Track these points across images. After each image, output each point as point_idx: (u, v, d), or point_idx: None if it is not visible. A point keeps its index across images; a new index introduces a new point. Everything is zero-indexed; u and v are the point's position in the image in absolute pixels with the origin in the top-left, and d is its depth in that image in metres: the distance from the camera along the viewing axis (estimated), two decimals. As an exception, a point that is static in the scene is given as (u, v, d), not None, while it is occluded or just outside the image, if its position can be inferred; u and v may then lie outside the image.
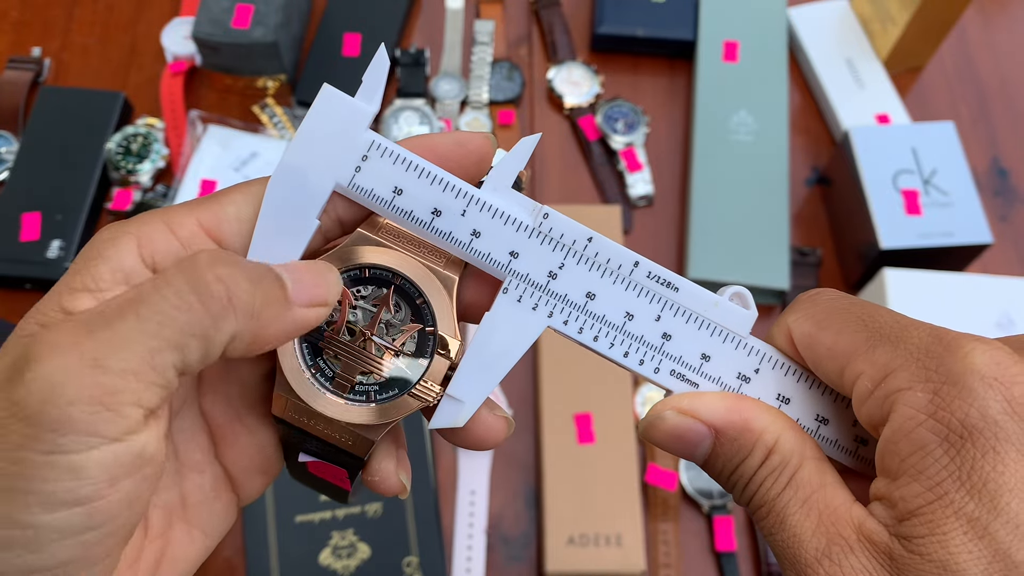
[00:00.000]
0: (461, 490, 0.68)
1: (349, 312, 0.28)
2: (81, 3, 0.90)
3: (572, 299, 0.27)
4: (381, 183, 0.27)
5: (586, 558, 0.64)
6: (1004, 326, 0.64)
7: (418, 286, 0.28)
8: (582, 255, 0.27)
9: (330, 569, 0.62)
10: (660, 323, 0.28)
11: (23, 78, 0.83)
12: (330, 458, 0.29)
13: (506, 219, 0.27)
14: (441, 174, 0.27)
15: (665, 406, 0.27)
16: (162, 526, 0.28)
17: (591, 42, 0.88)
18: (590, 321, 0.27)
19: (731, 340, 0.28)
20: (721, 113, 0.81)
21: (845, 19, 0.88)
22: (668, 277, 0.28)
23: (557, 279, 0.27)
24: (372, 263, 0.28)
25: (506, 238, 0.27)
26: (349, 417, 0.27)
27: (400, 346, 0.28)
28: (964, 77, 0.88)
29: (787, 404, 0.28)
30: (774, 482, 0.26)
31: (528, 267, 0.27)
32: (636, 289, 0.28)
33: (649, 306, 0.28)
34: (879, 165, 0.74)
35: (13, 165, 0.77)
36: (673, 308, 0.28)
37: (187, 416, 0.29)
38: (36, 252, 0.74)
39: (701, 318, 0.28)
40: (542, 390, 0.69)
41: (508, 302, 0.27)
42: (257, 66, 0.81)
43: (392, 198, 0.27)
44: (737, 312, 0.28)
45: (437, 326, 0.28)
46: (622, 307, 0.28)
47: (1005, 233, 0.80)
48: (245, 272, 0.24)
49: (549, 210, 0.27)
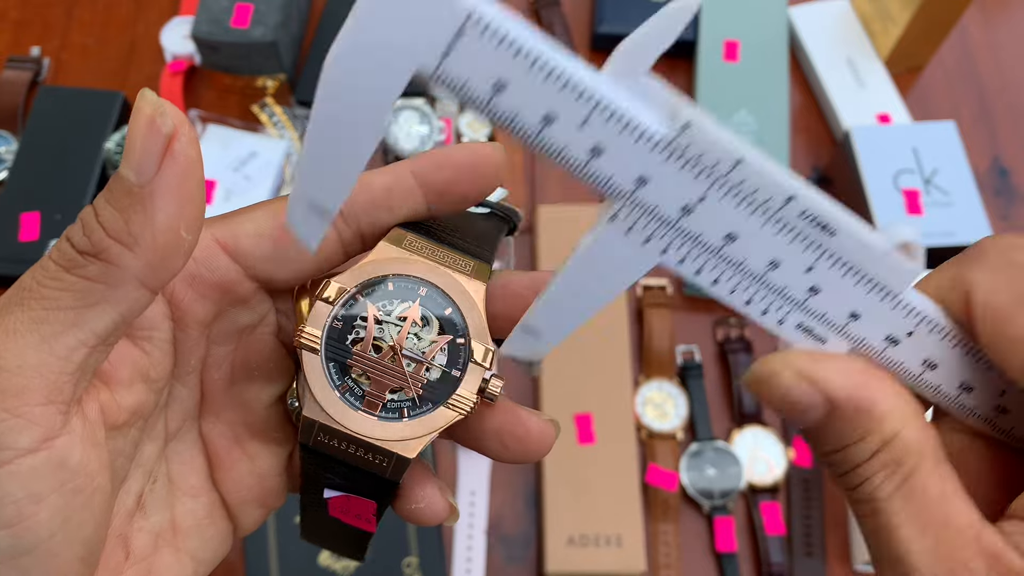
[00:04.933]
0: (461, 490, 0.67)
1: (376, 328, 0.27)
2: (80, 3, 0.90)
3: (706, 241, 0.22)
4: (478, 73, 0.20)
5: (586, 558, 0.63)
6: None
7: (447, 295, 0.27)
8: (727, 183, 0.21)
9: (329, 570, 0.62)
10: (810, 275, 0.23)
11: (22, 78, 0.83)
12: (359, 489, 0.27)
13: (638, 134, 0.21)
14: (560, 66, 0.20)
15: (786, 364, 0.22)
16: (147, 549, 0.27)
17: (591, 41, 0.88)
18: (718, 264, 0.22)
19: (889, 298, 0.23)
20: (721, 113, 0.80)
21: (846, 19, 0.88)
22: (827, 218, 0.22)
23: (691, 215, 0.22)
24: (397, 273, 0.27)
25: (635, 157, 0.21)
26: (384, 434, 0.26)
27: (431, 359, 0.27)
28: (965, 77, 0.88)
29: (932, 370, 0.24)
30: (884, 479, 0.22)
31: (658, 197, 0.21)
32: (789, 233, 0.22)
33: (801, 255, 0.22)
34: (880, 165, 0.74)
35: (12, 165, 0.77)
36: (829, 258, 0.22)
37: (185, 438, 0.28)
38: (35, 252, 0.73)
39: (859, 271, 0.22)
40: (542, 390, 0.69)
41: (615, 231, 0.22)
42: (256, 65, 0.81)
43: (490, 96, 0.20)
44: (902, 266, 0.23)
45: (469, 335, 0.27)
46: (768, 254, 0.22)
47: (1006, 233, 0.80)
48: (100, 208, 0.22)
49: (693, 117, 0.21)
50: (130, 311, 0.22)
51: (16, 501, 0.20)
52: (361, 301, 0.27)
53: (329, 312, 0.26)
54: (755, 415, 0.71)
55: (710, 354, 0.74)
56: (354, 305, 0.27)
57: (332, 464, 0.27)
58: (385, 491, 0.27)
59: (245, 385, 0.28)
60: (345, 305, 0.27)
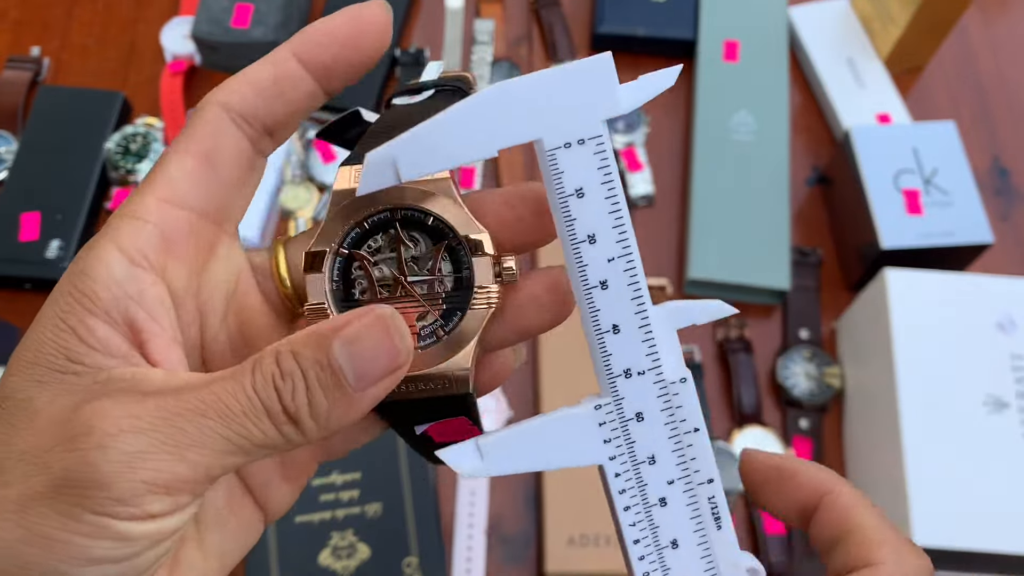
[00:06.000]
0: (461, 490, 0.68)
1: (375, 270, 0.27)
2: (80, 2, 0.90)
3: (643, 478, 0.26)
4: (573, 174, 0.25)
5: (586, 558, 0.63)
6: (1004, 326, 0.64)
7: (420, 207, 0.27)
8: (682, 441, 0.26)
9: (330, 570, 0.62)
10: (679, 532, 0.26)
11: (22, 78, 0.83)
12: (443, 413, 0.27)
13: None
14: (630, 237, 0.25)
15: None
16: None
17: (591, 41, 0.88)
18: (636, 495, 0.26)
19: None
20: (721, 113, 0.80)
21: (846, 19, 0.88)
22: (721, 510, 0.26)
23: (641, 423, 0.26)
24: (366, 213, 0.27)
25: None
26: (433, 361, 0.26)
27: (437, 271, 0.27)
28: (965, 77, 0.88)
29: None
30: None
31: (631, 398, 0.26)
32: (692, 499, 0.26)
33: (689, 520, 0.26)
34: (880, 165, 0.74)
35: (12, 165, 0.77)
36: (703, 538, 0.26)
37: None
38: (35, 252, 0.73)
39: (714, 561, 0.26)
40: (542, 390, 0.69)
41: (592, 418, 0.26)
42: (257, 66, 0.81)
43: (569, 196, 0.25)
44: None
45: (459, 232, 0.27)
46: (661, 493, 0.26)
47: (1006, 233, 0.80)
48: (312, 385, 0.23)
49: (688, 376, 0.26)
50: (270, 456, 0.24)
51: (137, 548, 0.22)
52: (346, 253, 0.27)
53: (322, 279, 0.26)
54: (755, 415, 0.71)
55: (710, 354, 0.74)
56: (342, 261, 0.27)
57: (405, 408, 0.27)
58: (465, 404, 0.27)
59: (246, 354, 0.28)
60: (334, 265, 0.27)
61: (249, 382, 0.23)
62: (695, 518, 0.26)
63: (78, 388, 0.23)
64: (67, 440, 0.22)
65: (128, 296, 0.24)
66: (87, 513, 0.21)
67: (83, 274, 0.24)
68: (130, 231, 0.25)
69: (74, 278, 0.24)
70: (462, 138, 0.24)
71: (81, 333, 0.24)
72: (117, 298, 0.24)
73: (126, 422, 0.22)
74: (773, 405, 0.73)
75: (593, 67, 0.25)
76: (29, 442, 0.22)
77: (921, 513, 0.58)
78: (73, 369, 0.23)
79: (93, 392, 0.23)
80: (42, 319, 0.24)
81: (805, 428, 0.71)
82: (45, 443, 0.22)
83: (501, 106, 0.24)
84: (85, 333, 0.24)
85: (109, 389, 0.23)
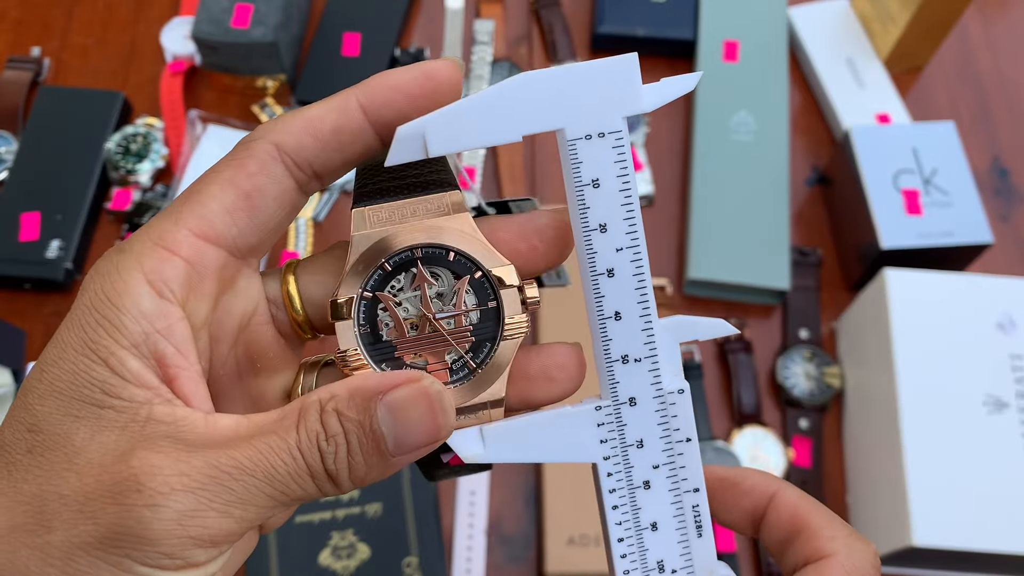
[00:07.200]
0: (461, 490, 0.68)
1: (400, 311, 0.27)
2: (81, 3, 0.90)
3: (632, 479, 0.27)
4: (591, 165, 0.26)
5: (586, 558, 0.63)
6: (1004, 326, 0.64)
7: (440, 244, 0.27)
8: (674, 450, 0.27)
9: (330, 570, 0.62)
10: (661, 535, 0.28)
11: (22, 78, 0.83)
12: None
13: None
14: (639, 230, 0.26)
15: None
16: None
17: (591, 42, 0.88)
18: (624, 495, 0.27)
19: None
20: (721, 113, 0.80)
21: (845, 19, 0.88)
22: (704, 519, 0.28)
23: (641, 450, 0.27)
24: (388, 254, 0.27)
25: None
26: (470, 396, 0.27)
27: (463, 306, 0.27)
28: (964, 77, 0.88)
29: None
30: None
31: (630, 420, 0.27)
32: (679, 511, 0.28)
33: (673, 522, 0.28)
34: (879, 165, 0.74)
35: (12, 165, 0.77)
36: (686, 549, 0.28)
37: None
38: (35, 252, 0.73)
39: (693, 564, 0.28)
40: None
41: (591, 418, 0.27)
42: (256, 66, 0.81)
43: (585, 185, 0.26)
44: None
45: (481, 265, 0.27)
46: (655, 517, 0.28)
47: (1006, 233, 0.80)
48: (353, 448, 0.24)
49: (686, 387, 0.27)
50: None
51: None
52: (371, 297, 0.27)
53: (350, 325, 0.27)
54: (755, 415, 0.71)
55: (710, 354, 0.74)
56: (367, 304, 0.27)
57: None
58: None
59: (252, 380, 0.28)
60: (359, 309, 0.27)
61: (294, 441, 0.23)
62: (678, 521, 0.28)
63: (117, 425, 0.23)
64: (116, 493, 0.22)
65: (156, 331, 0.24)
66: (136, 564, 0.22)
67: (110, 303, 0.24)
68: (158, 262, 0.24)
69: (99, 305, 0.24)
70: (490, 120, 0.25)
71: (113, 365, 0.23)
72: (147, 333, 0.24)
73: (176, 480, 0.22)
74: (773, 405, 0.73)
75: (619, 65, 0.26)
76: (73, 486, 0.22)
77: (921, 513, 0.58)
78: (110, 403, 0.23)
79: (135, 434, 0.23)
80: (66, 345, 0.24)
81: (805, 428, 0.71)
82: (90, 489, 0.22)
83: (530, 94, 0.25)
84: (117, 365, 0.23)
85: (150, 434, 0.23)
